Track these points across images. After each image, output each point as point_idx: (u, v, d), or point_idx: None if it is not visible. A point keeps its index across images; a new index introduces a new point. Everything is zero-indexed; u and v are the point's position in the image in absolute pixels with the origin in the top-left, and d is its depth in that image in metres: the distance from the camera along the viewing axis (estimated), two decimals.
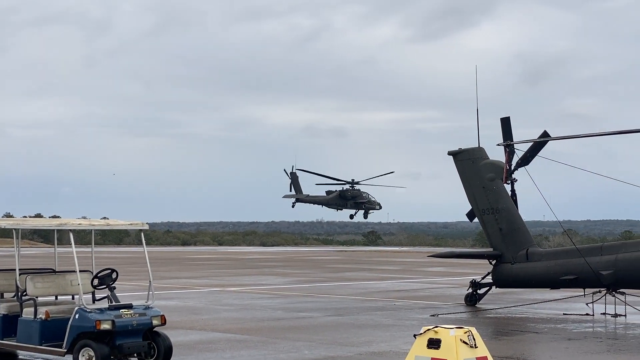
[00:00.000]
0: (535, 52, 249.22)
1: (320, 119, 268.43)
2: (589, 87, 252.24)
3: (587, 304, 24.82)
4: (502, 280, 26.64)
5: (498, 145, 26.03)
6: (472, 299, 27.33)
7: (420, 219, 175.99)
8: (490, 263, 27.26)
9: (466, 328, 11.70)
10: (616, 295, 24.05)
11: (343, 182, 76.76)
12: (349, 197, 76.02)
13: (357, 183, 76.20)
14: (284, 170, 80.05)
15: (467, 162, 27.65)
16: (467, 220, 29.51)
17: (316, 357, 16.48)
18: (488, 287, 27.38)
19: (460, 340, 11.51)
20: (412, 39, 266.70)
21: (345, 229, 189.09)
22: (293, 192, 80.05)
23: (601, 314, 24.37)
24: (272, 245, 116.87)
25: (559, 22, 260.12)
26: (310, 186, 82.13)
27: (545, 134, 26.46)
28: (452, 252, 36.07)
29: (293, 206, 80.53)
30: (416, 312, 25.28)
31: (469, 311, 25.91)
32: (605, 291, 24.20)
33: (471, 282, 27.66)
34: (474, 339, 11.64)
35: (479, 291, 27.39)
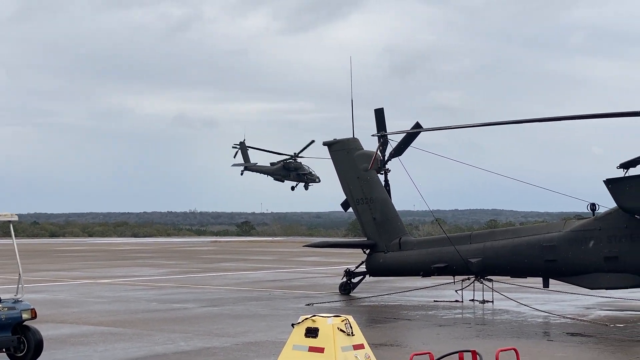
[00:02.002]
0: (403, 46, 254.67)
1: (192, 109, 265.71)
2: (454, 80, 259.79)
3: (456, 291, 25.57)
4: (375, 269, 27.09)
5: (373, 135, 26.44)
6: (346, 288, 27.69)
7: (294, 209, 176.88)
8: (364, 252, 27.68)
9: (343, 316, 11.83)
10: (484, 282, 24.85)
11: (286, 155, 78.72)
12: (292, 169, 78.71)
13: (298, 156, 77.85)
14: (237, 144, 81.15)
15: (342, 152, 27.95)
16: (341, 210, 29.88)
17: (192, 349, 16.34)
18: (362, 276, 27.80)
19: (338, 328, 11.63)
20: (283, 31, 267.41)
21: (218, 220, 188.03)
22: (242, 161, 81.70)
23: (470, 300, 25.16)
24: (144, 236, 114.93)
25: (425, 17, 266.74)
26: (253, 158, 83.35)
27: (417, 125, 27.01)
28: (326, 241, 36.46)
29: (242, 174, 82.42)
30: (291, 302, 25.42)
31: (343, 300, 26.27)
32: (474, 278, 24.95)
33: (345, 271, 28.02)
34: (351, 327, 11.79)
35: (353, 280, 27.78)
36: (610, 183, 21.64)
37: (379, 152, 26.00)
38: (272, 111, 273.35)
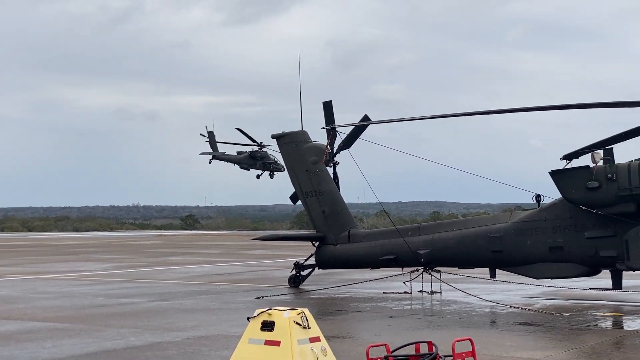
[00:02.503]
0: (345, 39, 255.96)
1: (133, 102, 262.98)
2: (396, 73, 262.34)
3: (404, 283, 25.76)
4: (325, 261, 27.11)
5: (322, 128, 26.47)
6: (295, 281, 27.68)
7: (238, 202, 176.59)
8: (314, 245, 27.68)
9: (299, 310, 11.82)
10: (432, 273, 25.06)
11: (253, 144, 79.71)
12: (259, 158, 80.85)
13: (265, 146, 78.76)
14: (204, 130, 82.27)
15: (291, 145, 27.91)
16: (285, 202, 29.85)
17: (143, 344, 16.14)
18: (311, 269, 27.81)
19: (294, 321, 11.62)
20: (225, 23, 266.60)
21: (162, 213, 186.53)
22: (210, 150, 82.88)
23: (418, 291, 25.36)
24: (87, 231, 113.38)
25: (367, 10, 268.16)
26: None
27: (366, 118, 27.14)
28: (276, 234, 36.34)
29: (210, 162, 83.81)
30: (241, 295, 25.30)
31: (293, 293, 26.22)
32: (422, 270, 25.14)
33: (295, 264, 27.99)
34: (307, 320, 11.79)
35: (302, 273, 27.78)
36: (555, 174, 21.99)
37: (328, 145, 26.09)
38: (215, 104, 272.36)
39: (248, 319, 11.86)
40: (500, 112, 23.29)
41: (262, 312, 11.83)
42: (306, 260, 27.97)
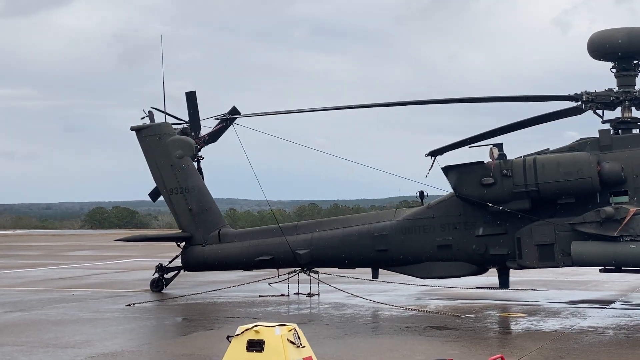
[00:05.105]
0: (132, 34, 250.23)
1: None
2: (183, 70, 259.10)
3: (269, 284, 24.34)
4: (192, 263, 25.03)
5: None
6: (158, 285, 25.48)
7: (20, 200, 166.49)
8: (179, 245, 25.55)
9: (290, 325, 10.31)
10: (311, 274, 23.83)
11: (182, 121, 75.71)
12: (189, 134, 76.93)
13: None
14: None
15: (153, 138, 25.69)
16: (72, 200, 27.75)
17: None
18: (176, 272, 25.69)
19: (287, 340, 10.07)
20: (1, 13, 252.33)
21: None
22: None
23: (295, 293, 24.13)
24: None
25: (154, 6, 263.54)
26: None
27: (234, 111, 25.48)
28: (143, 235, 32.83)
29: None
30: (107, 302, 22.82)
31: (163, 298, 23.99)
32: (299, 270, 23.84)
33: (157, 266, 25.70)
34: (299, 338, 10.26)
35: (165, 276, 25.61)
36: (448, 170, 21.33)
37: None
38: None
39: (228, 337, 10.16)
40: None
41: (247, 330, 10.17)
42: (170, 262, 25.78)
